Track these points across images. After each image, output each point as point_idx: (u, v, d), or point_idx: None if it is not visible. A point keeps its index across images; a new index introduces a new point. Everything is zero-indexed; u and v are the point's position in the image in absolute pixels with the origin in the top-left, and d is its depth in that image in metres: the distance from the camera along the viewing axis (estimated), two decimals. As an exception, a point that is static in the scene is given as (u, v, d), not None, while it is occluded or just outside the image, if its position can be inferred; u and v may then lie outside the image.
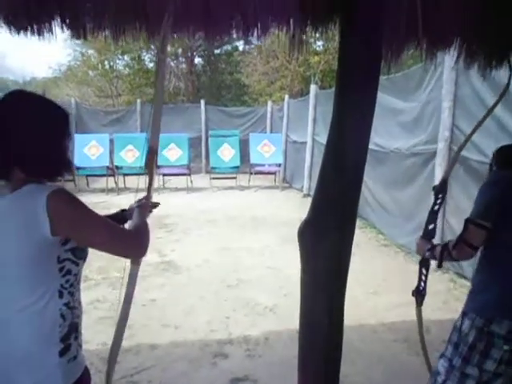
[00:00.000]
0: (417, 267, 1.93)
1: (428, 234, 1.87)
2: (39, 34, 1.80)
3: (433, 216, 1.89)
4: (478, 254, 1.67)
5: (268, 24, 2.39)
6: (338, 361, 1.68)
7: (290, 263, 4.73)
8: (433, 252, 1.77)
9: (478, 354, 1.55)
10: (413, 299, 1.97)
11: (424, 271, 1.89)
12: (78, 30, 1.87)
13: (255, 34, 2.45)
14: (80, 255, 1.24)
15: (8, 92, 1.21)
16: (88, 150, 10.09)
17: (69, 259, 1.20)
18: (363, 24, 1.51)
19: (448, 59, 4.22)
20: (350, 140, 1.54)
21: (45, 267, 1.16)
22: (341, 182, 1.55)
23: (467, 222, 1.62)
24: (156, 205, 1.65)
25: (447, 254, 1.68)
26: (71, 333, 1.24)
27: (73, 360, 1.23)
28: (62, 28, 1.79)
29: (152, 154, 1.37)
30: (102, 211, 1.42)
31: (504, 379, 1.54)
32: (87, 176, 10.12)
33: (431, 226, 1.87)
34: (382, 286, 4.28)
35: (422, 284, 1.90)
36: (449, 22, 2.22)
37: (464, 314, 1.66)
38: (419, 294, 1.92)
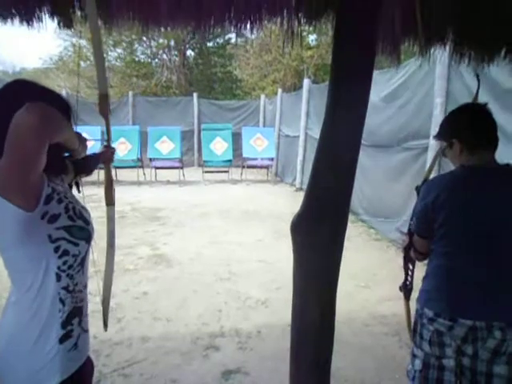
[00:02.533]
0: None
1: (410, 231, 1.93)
2: (28, 24, 1.77)
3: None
4: None
5: (261, 16, 2.39)
6: (329, 353, 1.69)
7: (282, 257, 4.75)
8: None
9: (418, 336, 1.65)
10: (404, 293, 2.00)
11: (410, 266, 1.94)
12: (67, 19, 1.84)
13: (248, 26, 2.44)
14: (78, 235, 1.20)
15: (12, 80, 1.19)
16: (79, 142, 9.98)
17: (64, 238, 1.17)
18: (357, 18, 1.51)
19: (440, 55, 4.24)
20: (343, 134, 1.54)
21: (37, 248, 1.13)
22: (334, 176, 1.55)
23: (412, 233, 1.78)
24: (113, 150, 1.76)
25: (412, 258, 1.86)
26: (73, 317, 1.21)
27: (74, 348, 1.21)
28: (51, 17, 1.76)
29: (104, 100, 1.44)
30: (93, 204, 1.41)
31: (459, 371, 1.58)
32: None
33: None
34: (373, 279, 4.31)
35: (409, 278, 1.96)
36: (442, 17, 2.23)
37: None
38: (406, 288, 1.97)
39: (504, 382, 1.51)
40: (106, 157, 1.70)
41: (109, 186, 1.62)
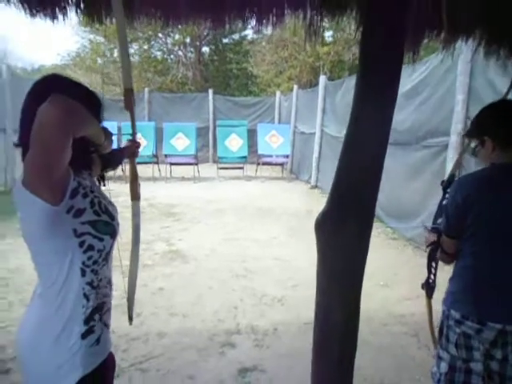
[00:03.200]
0: (426, 260, 1.92)
1: (435, 228, 1.87)
2: (53, 18, 1.77)
3: (442, 210, 1.87)
4: None
5: (283, 11, 2.36)
6: (353, 353, 1.66)
7: (297, 255, 4.72)
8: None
9: (444, 338, 1.63)
10: (423, 292, 1.97)
11: (433, 264, 1.90)
12: (92, 15, 1.84)
13: (270, 20, 2.42)
14: (103, 230, 1.20)
15: (42, 76, 1.21)
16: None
17: (89, 233, 1.16)
18: (387, 11, 1.47)
19: (463, 50, 4.15)
20: (369, 131, 1.50)
21: (62, 242, 1.13)
22: (359, 174, 1.51)
23: (440, 232, 1.73)
24: (138, 145, 1.79)
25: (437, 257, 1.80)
26: (95, 313, 1.21)
27: (95, 344, 1.21)
28: (76, 12, 1.76)
29: (129, 94, 1.48)
30: (111, 199, 1.40)
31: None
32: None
33: (439, 220, 1.87)
34: (392, 279, 4.26)
35: (432, 276, 1.92)
36: (470, 11, 2.17)
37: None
38: (429, 286, 1.93)
39: None
40: (131, 151, 1.70)
41: (134, 180, 1.62)
